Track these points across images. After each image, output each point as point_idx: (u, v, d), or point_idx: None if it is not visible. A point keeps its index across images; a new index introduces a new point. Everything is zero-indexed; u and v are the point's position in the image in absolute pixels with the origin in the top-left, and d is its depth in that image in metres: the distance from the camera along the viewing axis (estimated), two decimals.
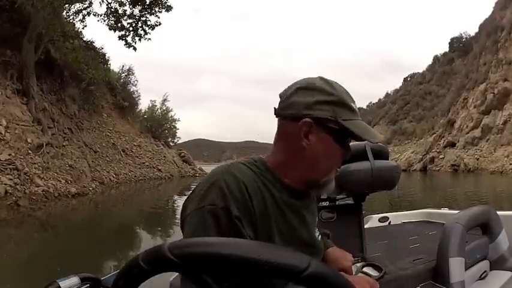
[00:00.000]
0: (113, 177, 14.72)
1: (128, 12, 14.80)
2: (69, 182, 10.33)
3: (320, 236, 0.83)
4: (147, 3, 14.66)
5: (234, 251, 0.43)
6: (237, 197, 0.63)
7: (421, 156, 43.96)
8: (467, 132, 37.66)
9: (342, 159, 0.74)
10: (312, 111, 0.69)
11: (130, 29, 15.02)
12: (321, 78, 0.73)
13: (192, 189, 0.70)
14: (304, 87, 0.71)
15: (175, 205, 11.19)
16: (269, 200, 0.68)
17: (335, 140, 0.71)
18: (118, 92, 21.03)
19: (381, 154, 1.57)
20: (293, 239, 0.72)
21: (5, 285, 3.39)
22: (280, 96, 0.74)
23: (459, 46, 70.96)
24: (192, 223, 0.63)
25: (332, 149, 0.71)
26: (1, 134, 9.19)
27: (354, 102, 0.73)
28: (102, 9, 15.59)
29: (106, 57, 18.35)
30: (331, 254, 0.92)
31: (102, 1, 14.50)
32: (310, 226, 0.77)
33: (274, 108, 0.74)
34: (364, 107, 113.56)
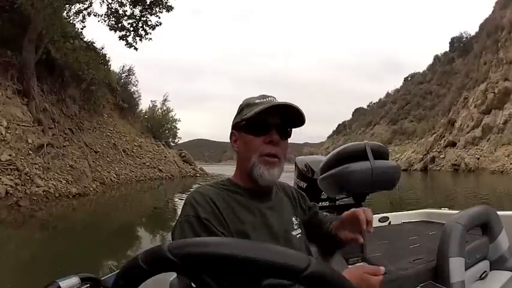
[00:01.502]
0: (114, 177, 14.71)
1: (128, 13, 14.82)
2: (70, 182, 10.33)
3: (300, 234, 0.94)
4: (148, 3, 14.67)
5: (233, 251, 0.43)
6: (204, 206, 0.80)
7: (421, 156, 43.95)
8: (468, 132, 37.62)
9: (260, 145, 0.87)
10: (233, 125, 0.93)
11: (131, 29, 15.04)
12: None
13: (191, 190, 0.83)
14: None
15: (175, 205, 11.21)
16: (234, 204, 0.84)
17: (249, 133, 0.88)
18: (118, 92, 21.02)
19: (381, 154, 1.57)
20: (266, 233, 0.85)
21: (5, 285, 3.39)
22: None
23: (459, 46, 70.98)
24: (175, 235, 0.80)
25: (247, 141, 0.88)
26: (2, 134, 9.20)
27: (264, 97, 0.90)
28: (103, 10, 15.62)
29: (106, 57, 18.35)
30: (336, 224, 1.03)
31: (103, 1, 14.54)
32: (278, 225, 0.88)
33: None
34: (365, 106, 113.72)
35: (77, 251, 4.76)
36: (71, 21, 14.69)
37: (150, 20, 14.98)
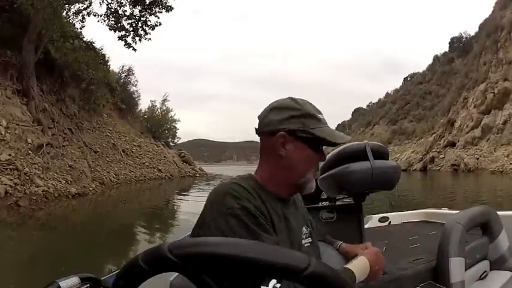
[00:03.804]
0: (113, 177, 14.71)
1: (127, 13, 14.81)
2: (69, 182, 10.33)
3: (310, 243, 0.92)
4: (147, 3, 14.66)
5: (233, 251, 0.43)
6: (248, 198, 0.75)
7: (421, 156, 43.93)
8: (468, 132, 37.62)
9: (317, 162, 0.87)
10: (285, 125, 0.81)
11: (131, 29, 15.02)
12: (291, 98, 0.86)
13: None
14: (276, 107, 0.84)
15: (175, 205, 11.20)
16: (267, 203, 0.79)
17: (309, 147, 0.83)
18: (118, 92, 21.02)
19: (380, 154, 1.57)
20: (288, 239, 0.82)
21: (5, 286, 3.39)
22: (258, 117, 0.87)
23: (459, 46, 70.89)
24: (218, 228, 0.72)
25: (306, 155, 0.83)
26: (1, 134, 9.19)
27: (320, 113, 0.86)
28: (102, 10, 15.56)
29: (106, 57, 18.32)
30: (345, 246, 1.06)
31: (102, 1, 14.52)
32: (296, 232, 0.87)
33: (255, 128, 0.87)
34: (364, 106, 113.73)
35: (77, 251, 4.76)
36: (71, 21, 14.69)
37: (149, 20, 14.97)
